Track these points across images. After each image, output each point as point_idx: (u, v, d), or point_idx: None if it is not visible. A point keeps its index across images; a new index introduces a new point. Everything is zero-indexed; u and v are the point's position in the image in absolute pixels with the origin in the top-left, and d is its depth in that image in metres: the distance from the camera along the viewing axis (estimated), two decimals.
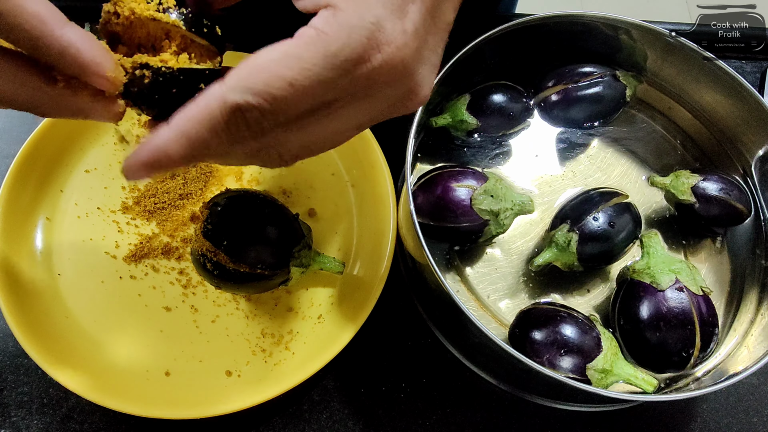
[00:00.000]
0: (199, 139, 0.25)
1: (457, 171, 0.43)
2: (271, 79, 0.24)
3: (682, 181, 0.44)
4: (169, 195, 0.49)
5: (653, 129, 0.51)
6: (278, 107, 0.24)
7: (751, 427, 0.45)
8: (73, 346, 0.43)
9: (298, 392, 0.44)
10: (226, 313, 0.45)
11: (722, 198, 0.43)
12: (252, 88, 0.24)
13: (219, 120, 0.24)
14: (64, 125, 0.48)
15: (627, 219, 0.42)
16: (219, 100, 0.24)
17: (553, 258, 0.43)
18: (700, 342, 0.38)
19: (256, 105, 0.24)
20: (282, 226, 0.41)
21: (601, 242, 0.42)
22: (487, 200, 0.41)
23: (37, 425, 0.43)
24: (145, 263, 0.47)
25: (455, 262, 0.45)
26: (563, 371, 0.37)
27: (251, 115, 0.24)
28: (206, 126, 0.24)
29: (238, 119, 0.24)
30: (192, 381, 0.43)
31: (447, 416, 0.45)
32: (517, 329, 0.41)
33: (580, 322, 0.39)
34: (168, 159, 0.25)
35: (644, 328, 0.39)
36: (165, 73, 0.27)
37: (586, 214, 0.42)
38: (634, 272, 0.41)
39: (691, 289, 0.39)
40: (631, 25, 0.46)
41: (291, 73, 0.24)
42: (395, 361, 0.46)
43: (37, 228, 0.47)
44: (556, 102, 0.48)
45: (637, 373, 0.38)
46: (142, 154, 0.25)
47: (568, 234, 0.42)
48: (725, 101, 0.47)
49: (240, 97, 0.24)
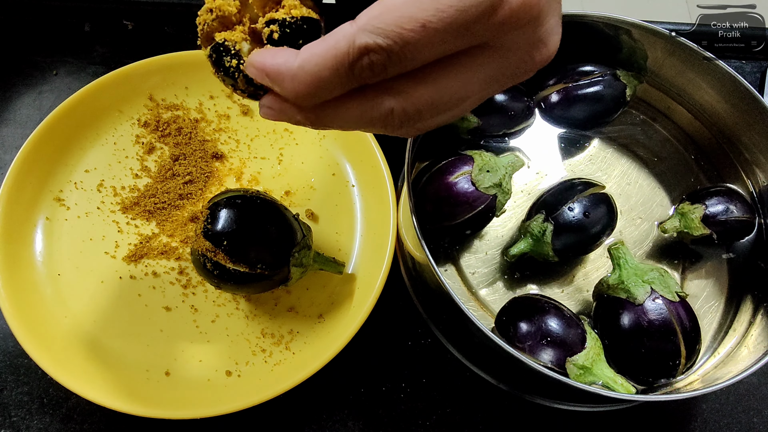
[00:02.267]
0: (323, 78, 0.24)
1: (444, 166, 0.43)
2: (403, 20, 0.22)
3: (691, 218, 0.44)
4: (169, 195, 0.49)
5: (653, 129, 0.51)
6: (407, 51, 0.23)
7: (751, 427, 0.45)
8: (73, 346, 0.43)
9: (298, 392, 0.44)
10: (226, 313, 0.45)
11: (734, 218, 0.43)
12: (383, 28, 0.22)
13: (345, 61, 0.23)
14: (64, 125, 0.48)
15: (603, 210, 0.42)
16: (348, 40, 0.23)
17: (528, 248, 0.43)
18: (685, 350, 0.38)
19: (385, 47, 0.23)
20: (282, 226, 0.41)
21: (576, 233, 0.42)
22: (486, 176, 0.42)
23: (37, 425, 0.43)
24: (145, 263, 0.47)
25: (455, 262, 0.45)
26: (543, 361, 0.37)
27: (378, 58, 0.23)
28: (331, 66, 0.23)
29: (364, 62, 0.23)
30: (192, 381, 0.43)
31: (447, 416, 0.45)
32: (504, 316, 0.41)
33: (567, 317, 0.39)
34: (286, 88, 0.24)
35: (628, 346, 0.39)
36: (291, 23, 0.27)
37: (562, 204, 0.42)
38: (609, 288, 0.41)
39: (667, 297, 0.39)
40: (631, 25, 0.46)
41: (425, 14, 0.22)
42: (395, 361, 0.46)
43: (37, 228, 0.47)
44: (556, 101, 0.48)
45: (616, 378, 0.38)
46: (266, 59, 0.25)
47: (543, 224, 0.42)
48: (725, 101, 0.47)
49: (370, 38, 0.23)
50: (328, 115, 0.26)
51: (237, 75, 0.27)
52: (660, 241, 0.47)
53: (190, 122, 0.51)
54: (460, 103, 0.26)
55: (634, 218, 0.47)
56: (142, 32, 0.58)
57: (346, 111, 0.26)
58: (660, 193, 0.48)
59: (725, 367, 0.41)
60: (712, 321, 0.45)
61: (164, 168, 0.49)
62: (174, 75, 0.52)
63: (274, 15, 0.27)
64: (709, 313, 0.45)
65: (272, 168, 0.50)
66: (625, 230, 0.47)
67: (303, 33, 0.27)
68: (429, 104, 0.25)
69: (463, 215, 0.42)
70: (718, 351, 0.43)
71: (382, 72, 0.24)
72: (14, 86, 0.55)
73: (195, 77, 0.52)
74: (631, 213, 0.48)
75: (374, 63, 0.23)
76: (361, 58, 0.23)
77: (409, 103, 0.25)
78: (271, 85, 0.26)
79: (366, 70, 0.23)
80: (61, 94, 0.54)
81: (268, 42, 0.27)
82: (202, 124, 0.52)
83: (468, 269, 0.45)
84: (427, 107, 0.25)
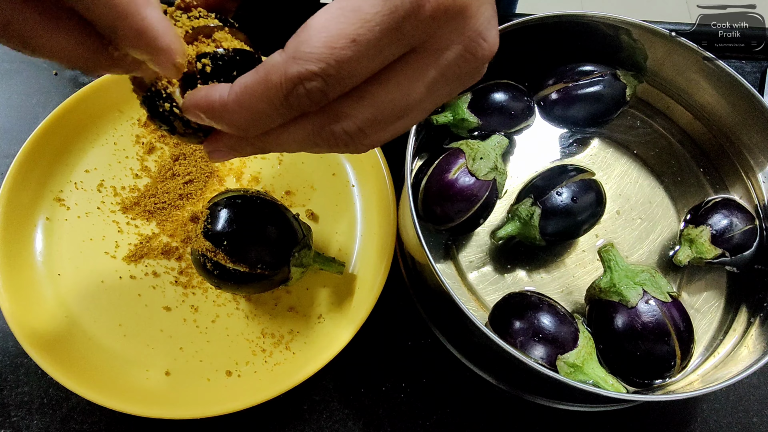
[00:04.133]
0: (259, 111, 0.23)
1: (439, 165, 0.43)
2: (331, 40, 0.22)
3: (701, 242, 0.43)
4: (169, 195, 0.49)
5: (653, 129, 0.51)
6: (343, 71, 0.22)
7: (751, 427, 0.45)
8: (73, 346, 0.43)
9: (298, 392, 0.44)
10: (226, 313, 0.45)
11: (740, 230, 0.43)
12: (313, 53, 0.22)
13: (279, 93, 0.22)
14: (64, 125, 0.48)
15: (591, 196, 0.43)
16: (278, 71, 0.22)
17: (515, 231, 0.43)
18: (680, 351, 0.38)
19: (319, 72, 0.22)
20: (282, 226, 0.41)
21: (564, 217, 0.42)
22: (481, 163, 0.42)
23: (37, 425, 0.43)
24: (145, 263, 0.47)
25: (455, 262, 0.45)
26: (534, 357, 0.37)
27: (315, 86, 0.22)
28: (265, 98, 0.23)
29: (300, 92, 0.22)
30: (192, 381, 0.43)
31: (447, 416, 0.45)
32: (498, 309, 0.41)
33: (561, 314, 0.39)
34: (225, 122, 0.24)
35: (623, 349, 0.39)
36: (222, 56, 0.27)
37: (551, 188, 0.43)
38: (601, 292, 0.40)
39: (659, 298, 0.39)
40: (631, 25, 0.46)
41: (352, 28, 0.22)
42: (395, 361, 0.46)
43: (37, 228, 0.47)
44: (555, 101, 0.48)
45: (607, 378, 0.38)
46: (200, 97, 0.24)
47: (531, 208, 0.42)
48: (725, 101, 0.47)
49: (301, 66, 0.22)
50: (272, 142, 0.26)
51: (173, 118, 0.27)
52: (660, 241, 0.47)
53: None
54: (407, 114, 0.25)
55: (634, 218, 0.47)
56: None
57: (289, 136, 0.25)
58: (660, 192, 0.48)
59: (725, 367, 0.41)
60: (712, 321, 0.45)
61: (164, 168, 0.49)
62: None
63: (205, 48, 0.27)
64: (709, 313, 0.45)
65: (272, 168, 0.50)
66: (625, 230, 0.47)
67: (236, 65, 0.27)
68: (371, 122, 0.24)
69: (471, 208, 0.42)
70: (718, 351, 0.43)
71: (322, 98, 0.23)
72: (14, 86, 0.55)
73: None
74: (631, 213, 0.48)
75: (311, 91, 0.22)
76: (296, 88, 0.22)
77: (350, 123, 0.24)
78: (210, 123, 0.25)
79: (304, 98, 0.23)
80: (61, 94, 0.54)
81: (200, 76, 0.26)
82: None
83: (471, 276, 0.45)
84: (370, 125, 0.25)
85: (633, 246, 0.46)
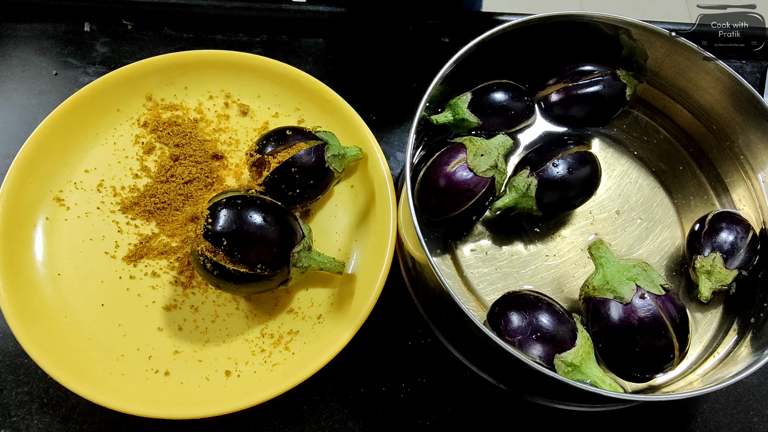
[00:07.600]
0: None
1: (439, 157, 0.43)
2: None
3: (717, 271, 0.43)
4: (169, 195, 0.49)
5: (653, 128, 0.51)
6: None
7: (751, 427, 0.45)
8: (73, 346, 0.43)
9: (298, 392, 0.44)
10: (225, 313, 0.45)
11: (746, 244, 0.43)
12: None
13: None
14: (64, 125, 0.48)
15: (587, 169, 0.44)
16: None
17: (512, 202, 0.44)
18: (678, 343, 0.38)
19: None
20: (282, 227, 0.41)
21: (560, 188, 0.43)
22: (481, 160, 0.42)
23: (37, 425, 0.43)
24: (145, 263, 0.47)
25: (455, 261, 0.45)
26: (532, 356, 0.37)
27: None
28: None
29: None
30: (192, 381, 0.43)
31: (447, 416, 0.45)
32: (496, 308, 0.41)
33: (559, 313, 0.39)
34: None
35: (621, 346, 0.39)
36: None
37: (547, 160, 0.43)
38: (595, 290, 0.40)
39: (653, 292, 0.39)
40: (631, 25, 0.46)
41: None
42: (395, 361, 0.46)
43: (37, 228, 0.47)
44: (555, 100, 0.48)
45: (605, 377, 0.37)
46: None
47: (528, 179, 0.43)
48: (725, 101, 0.47)
49: None
50: None
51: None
52: (660, 241, 0.47)
53: (189, 122, 0.51)
54: None
55: (634, 218, 0.48)
56: (142, 32, 0.58)
57: None
58: (660, 193, 0.48)
59: (725, 367, 0.41)
60: (712, 321, 0.45)
61: (164, 168, 0.49)
62: (173, 75, 0.52)
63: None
64: (710, 313, 0.45)
65: None
66: (625, 230, 0.47)
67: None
68: None
69: (466, 202, 0.42)
70: (718, 351, 0.43)
71: None
72: (14, 86, 0.55)
73: (194, 77, 0.52)
74: (631, 213, 0.48)
75: None
76: None
77: None
78: None
79: None
80: (61, 94, 0.54)
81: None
82: (202, 124, 0.52)
83: (463, 259, 0.45)
84: None
85: (633, 246, 0.46)
